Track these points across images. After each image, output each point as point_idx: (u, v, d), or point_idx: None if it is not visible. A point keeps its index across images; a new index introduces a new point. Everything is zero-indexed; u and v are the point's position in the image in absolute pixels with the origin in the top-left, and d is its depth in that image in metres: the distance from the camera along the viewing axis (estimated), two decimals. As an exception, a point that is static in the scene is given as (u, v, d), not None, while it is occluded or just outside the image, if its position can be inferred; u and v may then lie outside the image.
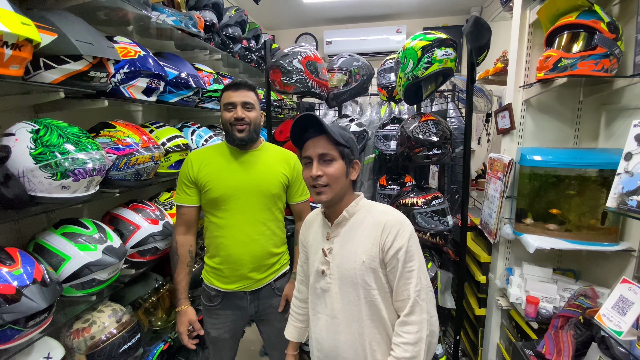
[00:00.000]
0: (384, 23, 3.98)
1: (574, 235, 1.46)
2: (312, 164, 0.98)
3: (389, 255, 0.93)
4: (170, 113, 2.10)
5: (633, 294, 0.92)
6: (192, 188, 1.35)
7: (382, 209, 1.01)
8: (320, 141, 0.97)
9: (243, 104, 1.32)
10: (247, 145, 1.36)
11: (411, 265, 0.92)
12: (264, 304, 1.41)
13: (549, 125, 1.68)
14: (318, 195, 0.98)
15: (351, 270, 0.96)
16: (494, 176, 1.79)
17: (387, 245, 0.93)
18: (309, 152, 0.98)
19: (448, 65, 1.51)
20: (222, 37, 2.08)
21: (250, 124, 1.33)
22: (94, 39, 1.12)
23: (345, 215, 1.00)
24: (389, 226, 0.94)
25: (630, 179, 0.92)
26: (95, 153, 1.09)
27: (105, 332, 1.25)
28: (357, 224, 1.00)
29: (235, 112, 1.31)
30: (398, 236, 0.93)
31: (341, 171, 0.97)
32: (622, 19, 1.38)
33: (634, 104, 1.36)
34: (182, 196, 1.37)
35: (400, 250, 0.92)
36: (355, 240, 0.98)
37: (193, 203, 1.37)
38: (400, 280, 0.92)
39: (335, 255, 1.00)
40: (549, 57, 1.36)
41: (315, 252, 1.08)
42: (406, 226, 0.95)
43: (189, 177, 1.35)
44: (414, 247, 0.94)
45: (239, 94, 1.32)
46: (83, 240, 1.16)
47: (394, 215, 0.97)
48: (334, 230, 1.03)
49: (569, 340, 1.30)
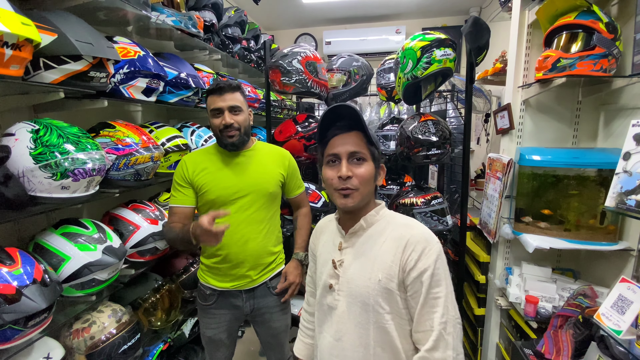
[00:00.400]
0: (383, 23, 3.99)
1: (573, 234, 1.47)
2: (340, 163, 0.85)
3: (411, 277, 0.80)
4: (169, 113, 2.11)
5: (632, 293, 0.93)
6: (188, 188, 1.33)
7: (405, 221, 0.89)
8: (351, 138, 0.86)
9: (230, 109, 1.29)
10: (238, 147, 1.36)
11: (437, 291, 0.78)
12: (259, 303, 1.41)
13: (547, 125, 1.69)
14: (344, 199, 0.85)
15: (363, 289, 0.84)
16: (493, 176, 1.79)
17: (410, 265, 0.80)
18: (337, 149, 0.86)
19: (447, 65, 1.51)
20: (222, 38, 2.08)
21: (240, 129, 1.31)
22: (94, 39, 1.13)
23: (362, 224, 0.88)
24: (413, 242, 0.81)
25: (628, 179, 0.92)
26: (95, 153, 1.09)
27: (105, 332, 1.25)
28: (375, 236, 0.87)
29: (223, 119, 1.28)
30: (423, 255, 0.80)
31: (371, 174, 0.86)
32: (620, 19, 1.38)
33: (632, 103, 1.36)
34: (178, 197, 1.32)
35: (425, 272, 0.79)
36: (372, 254, 0.85)
37: (189, 204, 1.33)
38: (423, 308, 0.79)
39: (346, 269, 0.88)
40: (548, 57, 1.37)
41: (324, 263, 0.96)
42: (433, 244, 0.82)
43: (184, 178, 1.32)
44: (441, 270, 0.80)
45: (224, 99, 1.28)
46: (83, 240, 1.16)
47: (420, 230, 0.84)
48: (347, 240, 0.91)
49: (568, 339, 1.30)
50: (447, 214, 1.71)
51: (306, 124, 1.91)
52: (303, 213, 1.57)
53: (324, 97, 1.94)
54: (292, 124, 1.91)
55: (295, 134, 1.87)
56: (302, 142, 1.87)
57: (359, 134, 0.87)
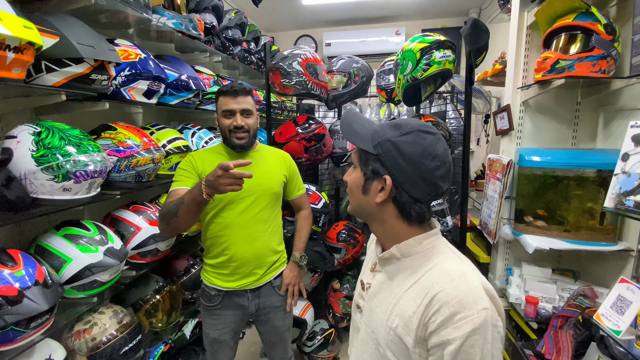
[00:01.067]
0: (383, 25, 4.00)
1: (573, 235, 1.47)
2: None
3: (432, 343, 0.62)
4: (170, 115, 2.11)
5: (631, 293, 0.93)
6: (195, 178, 1.28)
7: (448, 266, 0.67)
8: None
9: (242, 111, 1.32)
10: (245, 148, 1.38)
11: None
12: (264, 302, 1.42)
13: (547, 126, 1.69)
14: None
15: (379, 327, 0.71)
16: (493, 177, 1.79)
17: (432, 326, 0.62)
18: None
19: (447, 66, 1.52)
20: (222, 40, 2.09)
21: (249, 131, 1.34)
22: (95, 42, 1.13)
23: (393, 252, 0.72)
24: (440, 301, 0.62)
25: (627, 179, 0.93)
26: (97, 155, 1.09)
27: (106, 333, 1.26)
28: (408, 272, 0.70)
29: (234, 120, 1.31)
30: (450, 323, 0.60)
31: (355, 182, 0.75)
32: (619, 20, 1.39)
33: (631, 104, 1.37)
34: (183, 181, 1.25)
35: (449, 345, 0.59)
36: (397, 292, 0.70)
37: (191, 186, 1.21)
38: None
39: (371, 297, 0.76)
40: (547, 58, 1.37)
41: (360, 276, 0.86)
42: (469, 312, 0.59)
43: (193, 167, 1.29)
44: (476, 350, 0.58)
45: (237, 101, 1.31)
46: (84, 242, 1.16)
47: (458, 288, 0.62)
48: (381, 264, 0.77)
49: (568, 340, 1.30)
50: (447, 215, 1.72)
51: (306, 125, 1.92)
52: (303, 215, 1.58)
53: (324, 99, 1.95)
54: (293, 125, 1.92)
55: (295, 136, 1.88)
56: (302, 143, 1.88)
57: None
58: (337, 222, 2.25)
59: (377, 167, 0.70)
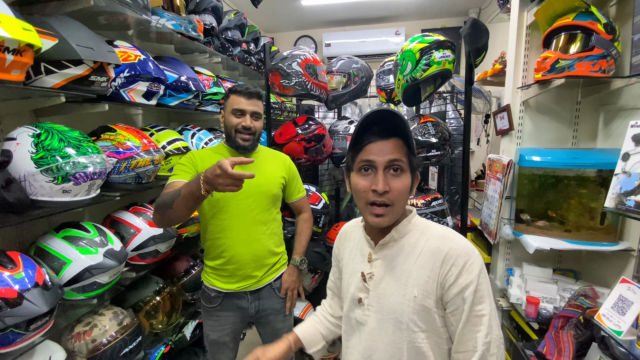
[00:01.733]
0: (382, 25, 3.99)
1: (574, 235, 1.47)
2: (375, 173, 0.77)
3: (452, 294, 0.74)
4: (170, 116, 2.12)
5: (632, 293, 0.93)
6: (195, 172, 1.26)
7: (441, 231, 0.81)
8: (390, 145, 0.77)
9: (252, 114, 1.33)
10: (247, 150, 1.38)
11: (481, 308, 0.72)
12: (264, 304, 1.41)
13: (547, 126, 1.69)
14: (376, 218, 0.77)
15: (397, 305, 0.78)
16: (493, 177, 1.79)
17: (450, 280, 0.74)
18: (374, 156, 0.77)
19: (446, 67, 1.52)
20: (222, 41, 2.09)
21: (255, 134, 1.35)
22: (95, 43, 1.13)
23: (393, 235, 0.81)
24: (453, 256, 0.74)
25: (627, 179, 0.93)
26: (96, 157, 1.09)
27: (107, 335, 1.25)
28: (408, 248, 0.80)
29: (244, 120, 1.31)
30: (464, 270, 0.73)
31: (408, 187, 0.79)
32: (618, 20, 1.39)
33: (631, 104, 1.36)
34: (182, 175, 1.23)
35: (468, 288, 0.72)
36: (405, 268, 0.79)
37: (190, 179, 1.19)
38: (465, 327, 0.73)
39: (377, 283, 0.82)
40: (547, 58, 1.37)
41: (351, 274, 0.90)
42: (475, 257, 0.75)
43: (193, 164, 1.27)
44: (484, 286, 0.74)
45: (250, 103, 1.32)
46: (84, 243, 1.16)
47: (459, 243, 0.77)
48: (377, 252, 0.84)
49: (570, 340, 1.30)
50: (447, 215, 1.72)
51: (306, 126, 1.92)
52: (304, 218, 1.58)
53: (323, 100, 1.94)
54: (292, 126, 1.92)
55: (295, 136, 1.88)
56: (302, 144, 1.87)
57: (398, 141, 0.78)
58: (338, 223, 2.25)
59: (416, 167, 0.81)
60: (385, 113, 0.78)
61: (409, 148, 0.78)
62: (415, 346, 0.76)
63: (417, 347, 0.76)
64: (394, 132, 0.77)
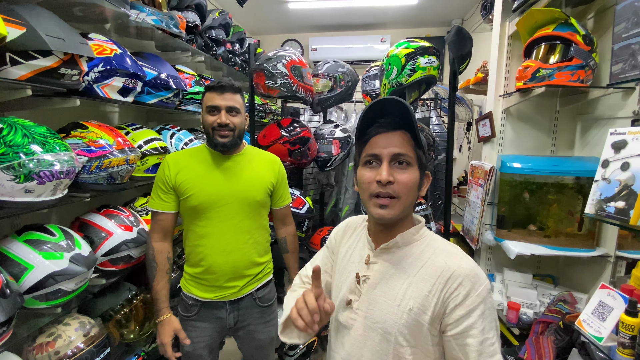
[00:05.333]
0: (368, 32, 4.04)
1: (553, 241, 1.49)
2: (380, 165, 0.74)
3: (457, 315, 0.69)
4: (149, 115, 2.03)
5: (612, 299, 0.94)
6: (170, 194, 1.28)
7: (448, 247, 0.77)
8: (396, 138, 0.74)
9: (228, 109, 1.26)
10: (229, 150, 1.31)
11: (491, 337, 0.67)
12: (244, 315, 1.35)
13: (527, 134, 1.73)
14: (380, 209, 0.73)
15: (387, 315, 0.73)
16: (476, 183, 1.81)
17: (456, 300, 0.69)
18: (379, 149, 0.74)
19: (431, 73, 1.53)
20: (205, 39, 2.04)
21: (235, 130, 1.27)
22: (66, 34, 1.07)
23: (397, 241, 0.77)
24: (461, 275, 0.70)
25: (607, 186, 0.94)
26: (64, 154, 1.02)
27: (72, 346, 1.16)
28: (411, 258, 0.76)
29: (219, 117, 1.24)
30: (473, 292, 0.68)
31: (415, 181, 0.75)
32: (596, 32, 1.44)
33: (607, 113, 1.41)
34: (156, 201, 1.29)
35: (474, 312, 0.67)
36: (405, 278, 0.74)
37: (169, 209, 1.30)
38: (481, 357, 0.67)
39: (370, 288, 0.78)
40: (528, 67, 1.40)
41: (344, 272, 0.85)
42: (484, 280, 0.71)
43: (165, 182, 1.28)
44: (492, 312, 0.70)
45: (224, 98, 1.25)
46: (48, 247, 1.08)
47: (468, 263, 0.73)
48: (377, 255, 0.79)
49: (550, 345, 1.31)
50: (431, 221, 1.72)
51: (291, 128, 1.89)
52: (291, 234, 1.51)
53: (309, 102, 1.92)
54: (277, 128, 1.88)
55: (279, 139, 1.84)
56: (286, 146, 1.84)
57: (405, 134, 0.75)
58: (322, 228, 2.22)
59: (425, 163, 0.78)
60: (390, 103, 0.74)
61: (416, 141, 0.75)
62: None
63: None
64: (400, 124, 0.75)
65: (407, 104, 0.73)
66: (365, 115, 0.77)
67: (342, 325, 0.81)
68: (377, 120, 0.76)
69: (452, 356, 0.71)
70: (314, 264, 0.97)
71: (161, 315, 1.29)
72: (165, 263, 1.31)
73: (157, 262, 1.30)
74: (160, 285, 1.30)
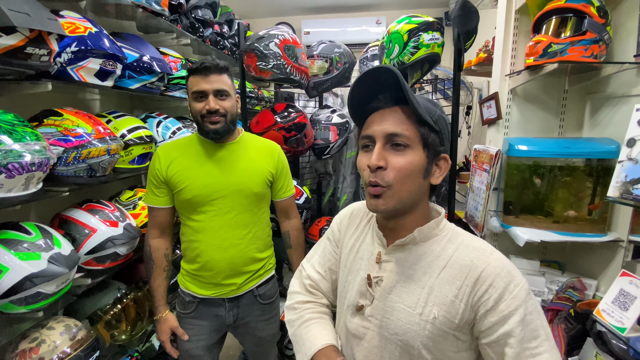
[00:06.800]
0: (363, 14, 3.90)
1: (562, 226, 1.43)
2: (373, 147, 0.64)
3: (489, 322, 0.59)
4: (133, 103, 1.91)
5: (635, 287, 0.88)
6: (162, 188, 1.21)
7: (475, 243, 0.66)
8: (392, 114, 0.63)
9: (215, 93, 1.14)
10: (222, 138, 1.21)
11: (536, 345, 0.57)
12: (244, 312, 1.28)
13: (534, 115, 1.65)
14: (372, 199, 0.64)
15: (408, 325, 0.63)
16: (480, 168, 1.74)
17: (487, 305, 0.59)
18: (372, 129, 0.64)
19: (435, 50, 1.43)
20: (191, 20, 1.90)
21: (226, 115, 1.16)
22: (31, 9, 0.95)
23: (415, 236, 0.66)
24: (491, 275, 0.60)
25: (634, 167, 0.87)
26: (35, 144, 0.91)
27: (57, 351, 1.08)
28: (431, 257, 0.66)
29: (207, 103, 1.13)
30: (507, 294, 0.59)
31: (415, 166, 0.63)
32: (610, 3, 1.34)
33: (620, 91, 1.33)
34: (150, 197, 1.24)
35: (511, 317, 0.58)
36: (425, 281, 0.64)
37: (164, 204, 1.23)
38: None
39: (385, 292, 0.67)
40: (539, 42, 1.31)
41: (352, 271, 0.74)
42: (519, 279, 0.60)
43: (157, 176, 1.20)
44: (535, 315, 0.59)
45: (209, 81, 1.13)
46: (24, 247, 0.98)
47: (499, 259, 0.62)
48: (389, 252, 0.69)
49: (560, 334, 1.26)
50: (434, 208, 1.65)
51: (285, 113, 1.78)
52: (296, 228, 1.40)
53: (304, 86, 1.81)
54: (271, 114, 1.78)
55: (274, 125, 1.74)
56: (281, 133, 1.74)
57: (405, 110, 0.63)
58: (320, 218, 2.14)
59: (437, 146, 0.65)
60: (381, 72, 0.62)
61: (418, 117, 0.62)
62: None
63: None
64: (399, 98, 0.63)
65: (397, 72, 0.61)
66: (354, 91, 0.66)
67: (352, 335, 0.71)
68: (377, 97, 0.66)
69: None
70: (312, 261, 0.89)
71: (158, 313, 1.27)
72: (162, 260, 1.27)
73: (154, 259, 1.25)
74: (157, 283, 1.26)
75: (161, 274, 1.27)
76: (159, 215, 1.24)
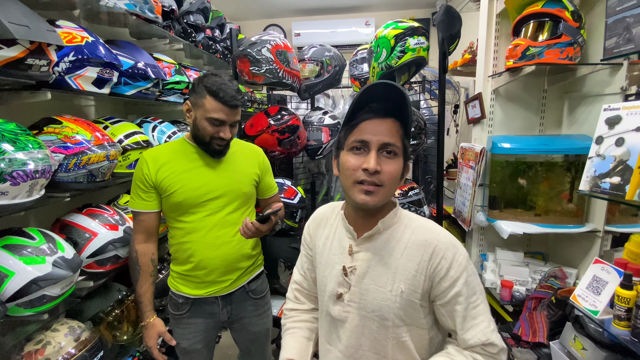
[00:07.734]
0: (352, 15, 3.96)
1: (544, 219, 1.51)
2: (368, 152, 0.72)
3: (442, 287, 0.73)
4: (127, 108, 1.93)
5: (606, 273, 0.95)
6: (150, 192, 1.21)
7: (426, 224, 0.79)
8: (387, 126, 0.72)
9: (232, 124, 1.21)
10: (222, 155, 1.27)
11: (475, 299, 0.73)
12: (237, 309, 1.33)
13: (516, 114, 1.73)
14: (365, 195, 0.72)
15: (382, 302, 0.75)
16: (466, 165, 1.81)
17: (440, 274, 0.73)
18: (368, 136, 0.72)
19: (421, 54, 1.50)
20: (183, 25, 1.93)
21: (231, 139, 1.24)
22: (31, 21, 0.98)
23: (379, 227, 0.77)
24: (442, 249, 0.73)
25: (602, 162, 0.94)
26: (37, 152, 0.95)
27: (62, 352, 1.12)
28: (393, 242, 0.77)
29: (223, 131, 1.18)
30: (455, 263, 0.72)
31: (400, 172, 0.75)
32: (583, 7, 1.43)
33: (595, 90, 1.41)
34: (137, 201, 1.23)
35: (458, 280, 0.72)
36: (392, 263, 0.76)
37: (151, 209, 1.23)
38: (465, 322, 0.72)
39: (359, 278, 0.78)
40: (518, 45, 1.38)
41: (327, 266, 0.84)
42: (461, 249, 0.75)
43: (144, 181, 1.20)
44: (474, 277, 0.74)
45: (233, 113, 1.19)
46: (28, 252, 1.02)
47: (446, 235, 0.76)
48: (360, 244, 0.80)
49: (543, 320, 1.34)
50: (424, 205, 1.72)
51: (279, 116, 1.83)
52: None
53: (296, 89, 1.87)
54: (264, 116, 1.83)
55: (267, 128, 1.79)
56: (275, 135, 1.79)
57: (395, 123, 0.73)
58: (314, 217, 2.19)
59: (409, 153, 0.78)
60: (387, 88, 0.71)
61: (406, 132, 0.75)
62: (400, 341, 0.76)
63: (402, 342, 0.76)
64: (392, 111, 0.73)
65: (405, 91, 0.71)
66: (359, 99, 0.74)
67: (336, 319, 0.81)
68: (369, 104, 0.74)
69: (442, 321, 0.77)
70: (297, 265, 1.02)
71: (145, 319, 1.26)
72: (149, 265, 1.26)
73: (141, 264, 1.25)
74: (143, 289, 1.26)
75: (148, 279, 1.26)
76: (146, 219, 1.24)
